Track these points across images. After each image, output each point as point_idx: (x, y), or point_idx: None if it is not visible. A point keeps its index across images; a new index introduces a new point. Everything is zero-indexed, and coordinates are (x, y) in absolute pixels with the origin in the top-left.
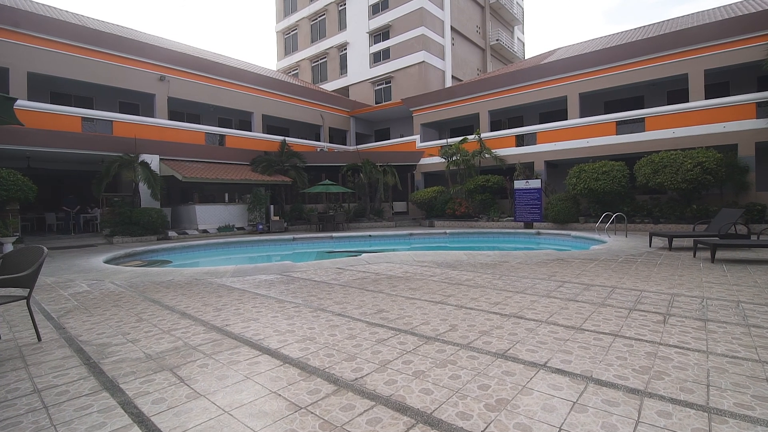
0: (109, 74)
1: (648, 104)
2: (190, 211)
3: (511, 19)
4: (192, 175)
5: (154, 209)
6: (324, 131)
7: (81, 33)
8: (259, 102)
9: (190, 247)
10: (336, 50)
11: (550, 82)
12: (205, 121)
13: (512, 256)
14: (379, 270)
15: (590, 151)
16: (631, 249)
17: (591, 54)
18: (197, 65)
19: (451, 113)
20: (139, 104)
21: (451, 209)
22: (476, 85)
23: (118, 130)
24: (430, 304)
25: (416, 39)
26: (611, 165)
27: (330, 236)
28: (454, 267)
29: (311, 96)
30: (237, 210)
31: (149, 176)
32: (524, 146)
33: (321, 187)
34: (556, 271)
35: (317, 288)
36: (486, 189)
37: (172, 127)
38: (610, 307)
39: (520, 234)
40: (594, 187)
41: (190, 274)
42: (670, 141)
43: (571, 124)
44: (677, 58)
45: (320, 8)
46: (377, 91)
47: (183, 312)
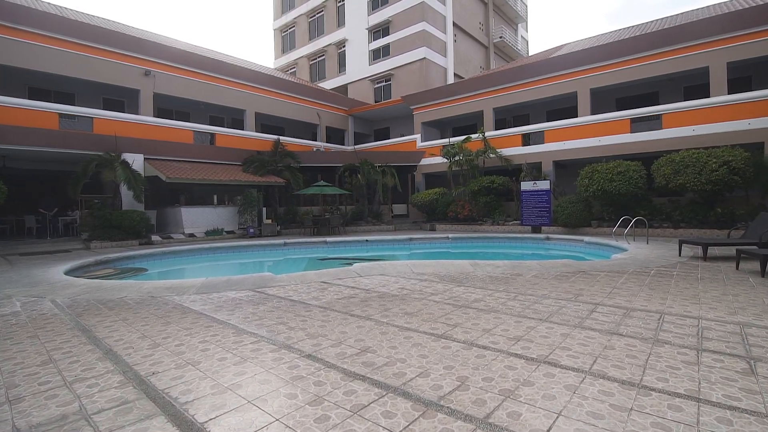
0: (92, 68)
1: (663, 101)
2: (176, 214)
3: (515, 17)
4: (177, 176)
5: (136, 212)
6: (321, 130)
7: (61, 24)
8: (252, 99)
9: (171, 252)
10: (334, 47)
11: (558, 77)
12: (196, 119)
13: (525, 267)
14: (370, 285)
15: (602, 151)
16: (658, 258)
17: (603, 47)
18: (186, 60)
19: (454, 111)
20: (125, 101)
21: (454, 212)
22: (480, 81)
23: (99, 128)
24: (431, 339)
25: (417, 35)
26: (627, 165)
27: (324, 241)
28: (459, 281)
29: (307, 94)
30: (226, 212)
31: (130, 176)
32: (531, 145)
33: (315, 188)
34: (582, 288)
35: (291, 311)
36: (490, 191)
37: (157, 125)
38: (668, 345)
39: (528, 239)
40: (608, 189)
41: (149, 290)
42: (690, 139)
43: (582, 121)
44: (697, 51)
45: (318, 4)
46: (377, 89)
47: (109, 349)
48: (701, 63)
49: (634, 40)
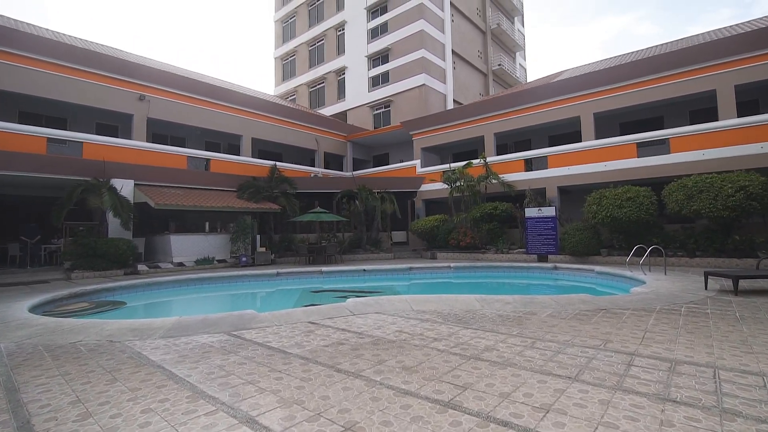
0: (85, 93)
1: (668, 125)
2: (165, 242)
3: (513, 45)
4: (167, 202)
5: (122, 240)
6: (319, 156)
7: (54, 48)
8: (249, 125)
9: (155, 284)
10: (334, 75)
11: (560, 102)
12: (191, 144)
13: (538, 303)
14: (364, 327)
15: (608, 176)
16: (683, 293)
17: (606, 71)
18: (181, 85)
19: (454, 137)
20: (118, 126)
21: (455, 240)
22: (480, 106)
23: (90, 153)
24: (435, 410)
25: (416, 62)
26: (636, 190)
27: (319, 270)
28: (465, 322)
29: (306, 119)
30: (218, 240)
31: (117, 203)
32: (534, 171)
33: (312, 215)
34: (609, 331)
35: (267, 364)
36: (493, 217)
37: (150, 150)
38: (740, 418)
39: (535, 268)
40: (618, 216)
41: (111, 332)
42: (700, 164)
43: (587, 146)
44: (702, 74)
45: (319, 33)
46: (376, 115)
47: (26, 421)
48: (707, 86)
49: (637, 63)
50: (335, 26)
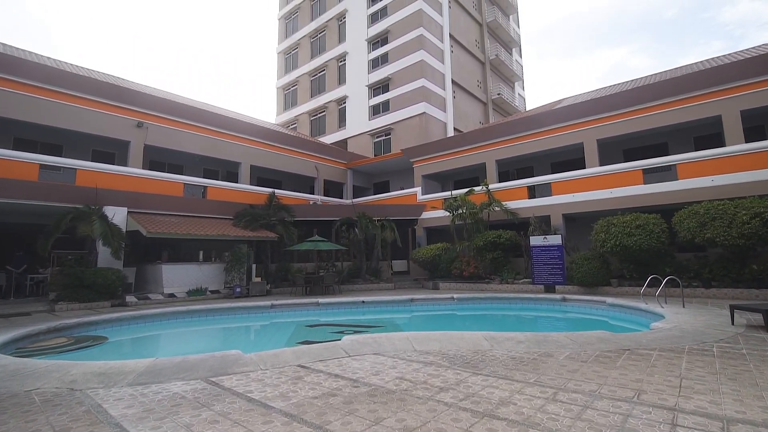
0: (82, 120)
1: (673, 151)
2: (156, 272)
3: (512, 75)
4: (159, 230)
5: (110, 270)
6: (319, 184)
7: (51, 75)
8: (248, 152)
9: (142, 317)
10: (335, 104)
11: (563, 128)
12: (189, 171)
13: (553, 342)
14: (360, 373)
15: (614, 203)
16: (709, 329)
17: (609, 97)
18: (180, 112)
19: (455, 164)
20: (116, 153)
21: (458, 269)
22: (481, 133)
23: (83, 180)
24: None
25: (417, 91)
26: (645, 218)
27: (316, 302)
28: (474, 366)
29: (306, 147)
30: (212, 270)
31: (107, 231)
32: (538, 198)
33: (310, 244)
34: (639, 378)
35: (243, 423)
36: (497, 246)
37: (145, 177)
38: None
39: (542, 300)
40: (627, 244)
41: (74, 378)
42: (709, 190)
43: (591, 173)
44: (708, 99)
45: (320, 64)
46: (376, 143)
47: None
48: (712, 112)
49: (641, 89)
50: (336, 57)
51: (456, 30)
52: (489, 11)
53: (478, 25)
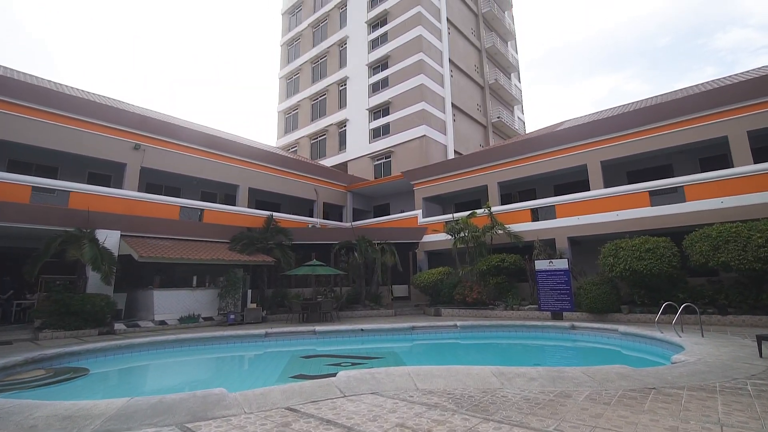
0: (78, 142)
1: (678, 173)
2: (147, 298)
3: (511, 99)
4: (151, 254)
5: (99, 296)
6: (318, 206)
7: (47, 97)
8: (246, 175)
9: (128, 347)
10: (336, 127)
11: (566, 150)
12: (187, 194)
13: (569, 378)
14: (355, 418)
15: (620, 226)
16: (736, 362)
17: (613, 118)
18: (178, 134)
19: (456, 186)
20: (112, 175)
21: (461, 295)
22: (483, 155)
23: (76, 202)
24: None
25: (417, 114)
26: (655, 241)
27: (313, 330)
28: (484, 410)
29: (305, 169)
30: (206, 296)
31: (97, 255)
32: (541, 221)
33: (307, 268)
34: (673, 425)
35: None
36: (501, 270)
37: (140, 200)
38: None
39: (550, 328)
40: (638, 269)
41: (36, 422)
42: (719, 212)
43: (596, 195)
44: (713, 120)
45: (321, 89)
46: (377, 165)
47: None
48: (718, 133)
49: (644, 111)
50: (337, 81)
51: (455, 55)
52: (487, 37)
53: (477, 50)
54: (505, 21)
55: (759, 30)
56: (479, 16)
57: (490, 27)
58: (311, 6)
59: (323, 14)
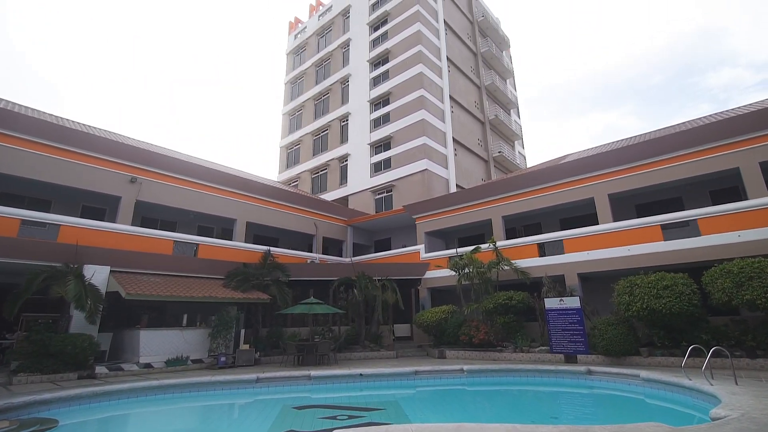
0: (72, 174)
1: (688, 206)
2: (134, 338)
3: (511, 135)
4: (139, 291)
5: (81, 336)
6: (317, 241)
7: (41, 128)
8: (244, 208)
9: (105, 394)
10: (337, 162)
11: (571, 183)
12: (183, 229)
13: None
14: None
15: (633, 261)
16: None
17: (620, 150)
18: (174, 167)
19: (459, 220)
20: (106, 209)
21: (467, 335)
22: (486, 189)
23: (67, 236)
24: None
25: (418, 148)
26: (672, 278)
27: (308, 375)
28: None
29: (305, 203)
30: (196, 336)
31: (82, 292)
32: (549, 256)
33: (304, 306)
34: None
35: None
36: (509, 309)
37: (132, 234)
38: None
39: (564, 373)
40: (656, 307)
41: None
42: (736, 246)
43: (605, 229)
44: (724, 151)
45: (324, 124)
46: (378, 200)
47: None
48: (730, 164)
49: (653, 142)
50: (339, 117)
51: (456, 91)
52: (487, 75)
53: (477, 87)
54: (503, 60)
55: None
56: (478, 56)
57: (489, 66)
58: (315, 46)
59: (326, 54)
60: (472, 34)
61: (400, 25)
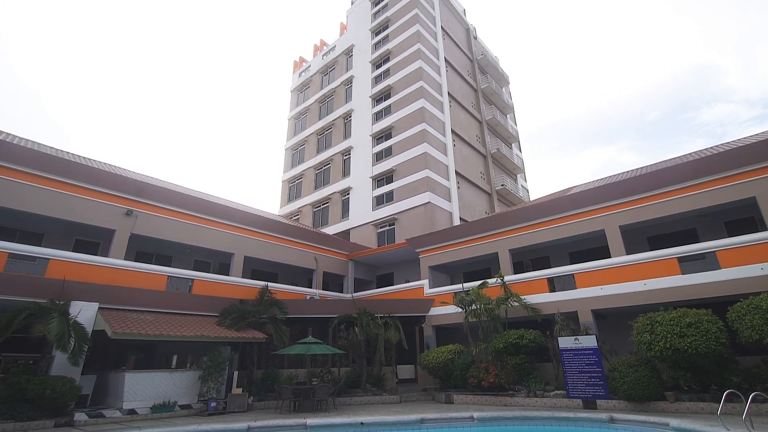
0: (67, 206)
1: (703, 238)
2: (118, 381)
3: (513, 168)
4: (126, 330)
5: (62, 379)
6: (317, 276)
7: (34, 159)
8: (242, 242)
9: None
10: (339, 195)
11: (581, 214)
12: (179, 263)
13: None
14: None
15: (650, 297)
16: None
17: (631, 180)
18: (171, 200)
19: (465, 254)
20: (100, 243)
21: (476, 378)
22: (492, 221)
23: (56, 271)
24: None
25: (421, 181)
26: (696, 314)
27: (303, 424)
28: None
29: (305, 237)
30: (186, 379)
31: (65, 331)
32: (560, 291)
33: (301, 346)
34: None
35: None
36: (520, 349)
37: (123, 269)
38: None
39: (584, 421)
40: (681, 347)
41: None
42: (760, 280)
43: (619, 262)
44: (740, 180)
45: (326, 158)
46: (380, 233)
47: None
48: (746, 193)
49: (665, 171)
50: (342, 151)
51: (457, 125)
52: (487, 110)
53: (478, 122)
54: (503, 96)
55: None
56: (478, 91)
57: (490, 101)
58: (318, 84)
59: (330, 90)
60: (472, 71)
61: (401, 63)
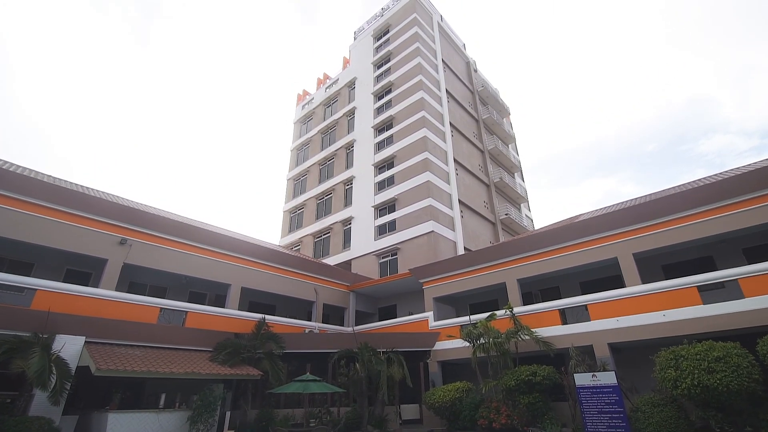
0: (57, 235)
1: (720, 266)
2: (100, 423)
3: (517, 197)
4: (111, 367)
5: (39, 420)
6: (317, 308)
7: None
8: (239, 273)
9: None
10: (340, 225)
11: (592, 242)
12: (173, 294)
13: None
14: None
15: (670, 329)
16: None
17: (645, 205)
18: (167, 228)
19: (471, 284)
20: (92, 273)
21: (486, 418)
22: (498, 249)
23: (42, 302)
24: None
25: (424, 210)
26: (724, 347)
27: None
28: None
29: (304, 267)
30: (173, 420)
31: (45, 368)
32: (573, 324)
33: (298, 385)
34: None
35: None
36: (533, 386)
37: (113, 300)
38: None
39: None
40: (710, 384)
41: None
42: None
43: (635, 292)
44: (759, 204)
45: (328, 188)
46: (382, 264)
47: None
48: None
49: (681, 196)
50: (344, 181)
51: (459, 155)
52: (489, 140)
53: (480, 151)
54: (504, 126)
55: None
56: (480, 122)
57: (491, 131)
58: (321, 115)
59: (332, 122)
60: (473, 102)
61: (403, 94)
